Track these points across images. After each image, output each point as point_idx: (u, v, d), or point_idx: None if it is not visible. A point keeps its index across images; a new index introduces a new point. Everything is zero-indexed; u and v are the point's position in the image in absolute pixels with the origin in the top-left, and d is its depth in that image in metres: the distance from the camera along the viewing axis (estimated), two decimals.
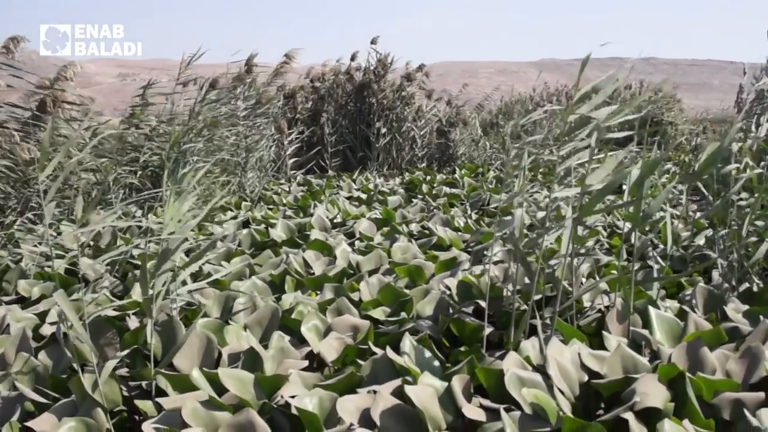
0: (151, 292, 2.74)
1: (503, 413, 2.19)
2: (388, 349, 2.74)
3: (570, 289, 3.36)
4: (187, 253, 4.40)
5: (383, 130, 12.33)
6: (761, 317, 3.05)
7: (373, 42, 12.66)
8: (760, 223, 3.93)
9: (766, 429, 2.20)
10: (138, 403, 2.63)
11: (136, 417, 2.73)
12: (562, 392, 2.44)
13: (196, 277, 4.09)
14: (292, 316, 3.36)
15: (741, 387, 2.54)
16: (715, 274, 3.96)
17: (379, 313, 3.50)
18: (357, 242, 5.28)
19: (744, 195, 4.09)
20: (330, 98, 12.84)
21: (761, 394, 2.41)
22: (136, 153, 7.40)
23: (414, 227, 5.87)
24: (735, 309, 3.38)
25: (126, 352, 3.00)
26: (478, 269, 3.99)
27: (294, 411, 2.33)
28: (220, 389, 2.54)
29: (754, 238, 3.91)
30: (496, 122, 15.39)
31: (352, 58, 12.96)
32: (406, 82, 12.69)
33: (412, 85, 12.78)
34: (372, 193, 8.35)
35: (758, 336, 2.86)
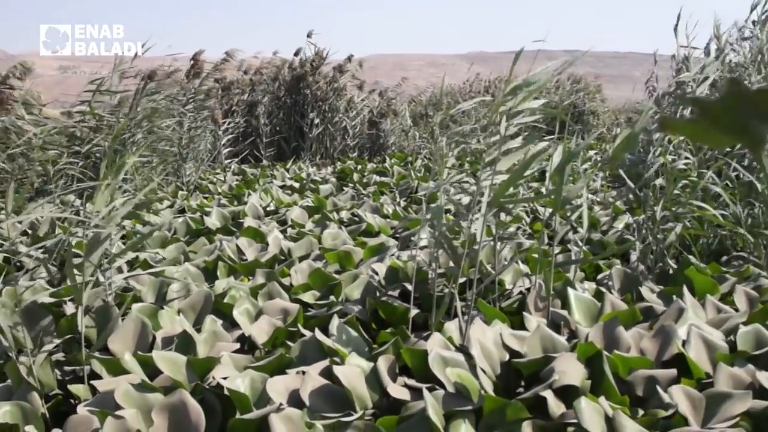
0: (82, 278, 2.75)
1: (426, 392, 2.26)
2: (317, 330, 2.81)
3: (493, 272, 3.47)
4: (124, 240, 4.40)
5: (316, 121, 12.41)
6: (674, 297, 3.20)
7: (309, 35, 12.80)
8: (674, 208, 4.11)
9: (676, 404, 2.33)
10: (72, 387, 2.64)
11: (72, 401, 2.73)
12: (484, 371, 2.52)
13: (132, 264, 4.10)
14: (225, 300, 3.39)
15: (654, 364, 2.66)
16: (633, 257, 4.13)
17: (308, 296, 3.56)
18: (289, 229, 5.33)
19: (660, 181, 4.26)
20: (266, 90, 12.88)
21: (673, 371, 2.53)
22: (78, 144, 7.32)
23: (344, 214, 5.96)
24: (650, 290, 3.55)
25: (62, 339, 3.00)
26: (405, 254, 4.08)
27: (226, 392, 2.38)
28: (154, 372, 2.57)
29: (671, 223, 4.09)
30: (425, 113, 15.54)
31: (296, 54, 13.05)
32: (338, 74, 12.78)
33: (344, 77, 12.88)
34: (304, 181, 8.42)
35: (671, 315, 3.00)
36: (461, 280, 3.23)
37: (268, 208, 6.36)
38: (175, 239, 4.92)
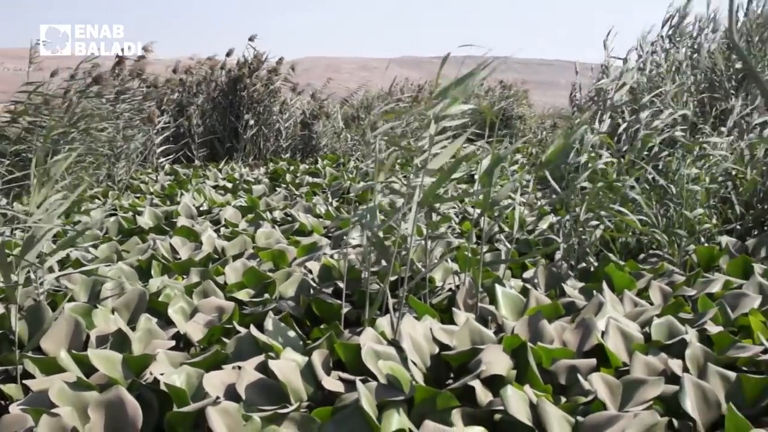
0: (15, 278, 2.75)
1: (359, 384, 2.34)
2: (252, 327, 2.86)
3: (424, 270, 3.57)
4: (55, 240, 4.37)
5: (251, 122, 12.41)
6: (594, 292, 3.37)
7: (251, 39, 12.84)
8: (597, 210, 4.28)
9: (595, 391, 2.47)
10: (3, 387, 2.64)
11: (2, 402, 2.73)
12: (415, 363, 2.62)
13: (63, 263, 4.08)
14: (160, 299, 3.42)
15: (575, 354, 2.81)
16: (557, 256, 4.29)
17: (243, 294, 3.61)
18: (222, 229, 5.38)
19: (586, 184, 4.44)
20: (199, 91, 12.82)
21: (593, 361, 2.69)
22: (6, 143, 7.17)
23: (277, 214, 6.02)
24: (572, 286, 3.71)
25: None
26: (338, 253, 4.16)
27: (162, 387, 2.42)
28: (89, 370, 2.59)
29: (593, 223, 4.27)
30: (357, 115, 15.63)
31: (228, 54, 13.03)
32: (275, 77, 12.82)
33: (278, 79, 12.92)
34: (237, 182, 8.43)
35: (591, 309, 3.17)
36: (393, 277, 3.34)
37: (201, 208, 6.38)
38: (107, 238, 4.91)
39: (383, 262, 3.50)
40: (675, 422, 2.39)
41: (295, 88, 13.60)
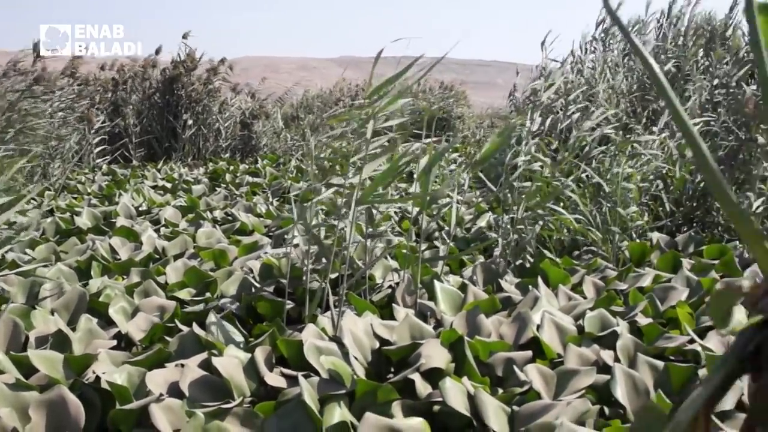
0: None
1: (301, 379, 2.38)
2: (194, 325, 2.88)
3: (363, 268, 3.63)
4: None
5: (190, 122, 12.30)
6: (530, 287, 3.47)
7: (185, 37, 12.69)
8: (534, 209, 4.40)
9: (530, 381, 2.55)
10: None
11: None
12: (356, 358, 2.69)
13: None
14: (100, 299, 3.41)
15: (512, 347, 2.91)
16: (495, 252, 4.39)
17: (185, 294, 3.62)
18: (163, 229, 5.35)
19: (526, 183, 4.55)
20: (134, 89, 12.66)
21: (528, 353, 2.78)
22: None
23: (218, 214, 6.01)
24: (509, 281, 3.81)
25: None
26: (279, 252, 4.19)
27: (105, 386, 2.42)
28: (29, 371, 2.58)
29: (530, 221, 4.38)
30: (297, 115, 15.62)
31: (157, 52, 12.86)
32: (212, 76, 12.73)
33: (217, 79, 12.84)
34: (177, 182, 8.37)
35: (527, 303, 3.27)
36: (333, 275, 3.38)
37: (140, 208, 6.33)
38: (44, 239, 4.84)
39: (324, 260, 3.54)
40: (606, 410, 2.49)
41: (234, 87, 13.52)
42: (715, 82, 6.88)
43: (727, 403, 2.25)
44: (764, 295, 0.75)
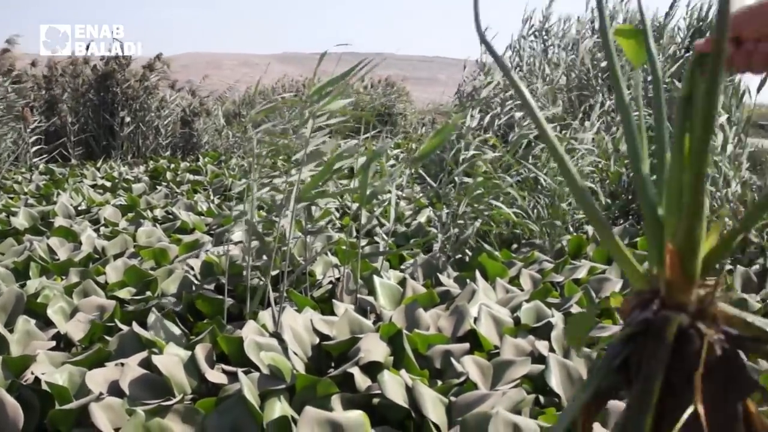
0: None
1: (241, 375, 2.41)
2: (134, 324, 2.88)
3: (304, 264, 3.66)
4: None
5: (127, 120, 12.12)
6: (468, 281, 3.54)
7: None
8: (475, 204, 4.48)
9: (467, 372, 2.62)
10: None
11: None
12: (296, 354, 2.72)
13: None
14: (38, 300, 3.37)
15: (450, 340, 2.97)
16: (435, 247, 4.46)
17: (125, 293, 3.60)
18: (102, 228, 5.29)
19: (467, 179, 4.63)
20: (67, 87, 12.42)
21: (466, 345, 2.85)
22: None
23: (158, 212, 5.97)
24: (448, 275, 3.88)
25: None
26: (220, 249, 4.20)
27: (44, 387, 2.41)
28: None
29: (472, 215, 4.45)
30: (238, 112, 15.52)
31: (87, 47, 12.67)
32: (148, 72, 12.55)
33: (153, 75, 12.67)
34: (116, 180, 8.27)
35: (465, 296, 3.34)
36: (274, 272, 3.41)
37: (79, 208, 6.24)
38: None
39: (264, 257, 3.56)
40: (541, 398, 2.57)
41: (173, 84, 13.37)
42: (650, 78, 7.04)
43: None
44: (633, 309, 0.82)
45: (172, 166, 9.95)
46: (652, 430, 0.89)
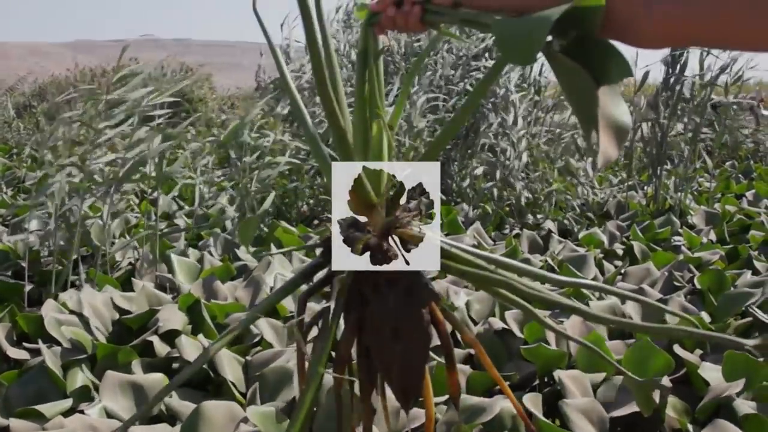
0: None
1: (43, 347, 2.53)
2: None
3: (102, 247, 3.74)
4: None
5: None
6: (264, 254, 3.79)
7: None
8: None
9: (261, 333, 2.85)
10: None
11: None
12: (97, 328, 2.86)
13: None
14: None
15: (247, 309, 3.19)
16: (228, 225, 4.65)
17: None
18: None
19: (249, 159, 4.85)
20: None
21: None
22: None
23: None
24: (245, 251, 4.10)
25: None
26: (18, 238, 4.19)
27: None
28: None
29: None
30: (30, 104, 14.88)
31: None
32: None
33: None
34: None
35: (261, 268, 3.58)
36: (75, 256, 3.50)
37: None
38: None
39: (62, 242, 3.63)
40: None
41: None
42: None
43: None
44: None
45: None
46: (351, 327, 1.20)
